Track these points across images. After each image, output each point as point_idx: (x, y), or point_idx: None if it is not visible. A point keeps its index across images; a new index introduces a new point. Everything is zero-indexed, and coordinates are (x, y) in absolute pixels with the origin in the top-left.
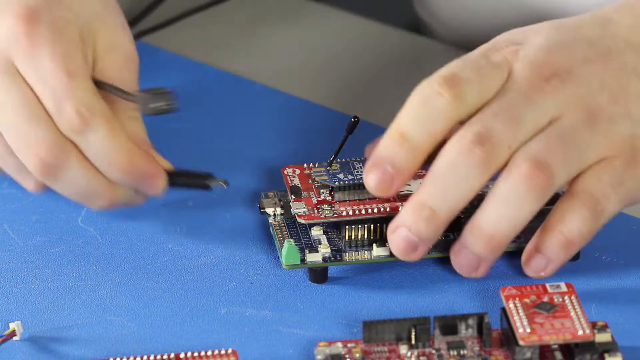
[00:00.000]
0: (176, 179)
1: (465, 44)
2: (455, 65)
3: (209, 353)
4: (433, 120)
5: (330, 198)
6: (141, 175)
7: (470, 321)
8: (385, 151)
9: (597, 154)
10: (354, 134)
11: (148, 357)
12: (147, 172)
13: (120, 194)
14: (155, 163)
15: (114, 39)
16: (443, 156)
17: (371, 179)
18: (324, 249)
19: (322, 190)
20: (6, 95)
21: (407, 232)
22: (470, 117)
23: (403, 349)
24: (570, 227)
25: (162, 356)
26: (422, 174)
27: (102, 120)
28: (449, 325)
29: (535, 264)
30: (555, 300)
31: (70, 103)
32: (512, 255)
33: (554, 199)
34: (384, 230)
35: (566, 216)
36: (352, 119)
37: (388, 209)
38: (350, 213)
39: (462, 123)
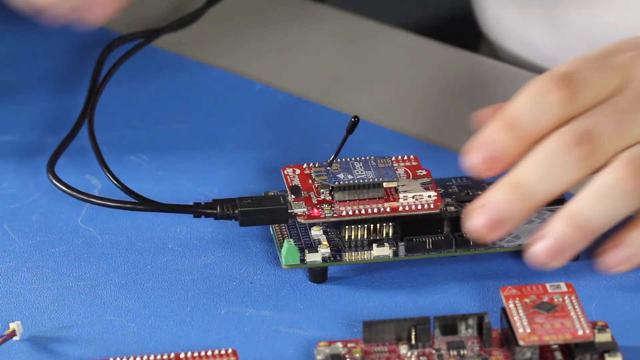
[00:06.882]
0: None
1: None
2: (574, 64)
3: (209, 353)
4: (544, 114)
5: (330, 198)
6: None
7: (470, 321)
8: (491, 135)
9: None
10: (354, 134)
11: (148, 357)
12: None
13: None
14: None
15: None
16: (545, 146)
17: (472, 160)
18: (324, 249)
19: (322, 190)
20: None
21: (496, 209)
22: (581, 114)
23: (403, 349)
24: None
25: (162, 356)
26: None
27: None
28: (449, 325)
29: (615, 257)
30: (555, 300)
31: None
32: (512, 255)
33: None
34: (384, 230)
35: None
36: (352, 119)
37: (388, 209)
38: (350, 213)
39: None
